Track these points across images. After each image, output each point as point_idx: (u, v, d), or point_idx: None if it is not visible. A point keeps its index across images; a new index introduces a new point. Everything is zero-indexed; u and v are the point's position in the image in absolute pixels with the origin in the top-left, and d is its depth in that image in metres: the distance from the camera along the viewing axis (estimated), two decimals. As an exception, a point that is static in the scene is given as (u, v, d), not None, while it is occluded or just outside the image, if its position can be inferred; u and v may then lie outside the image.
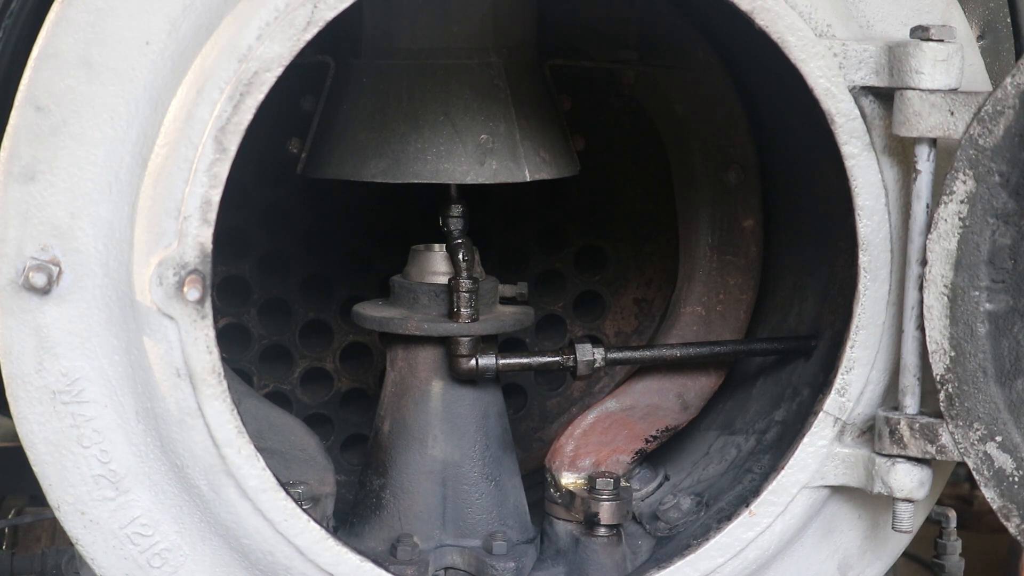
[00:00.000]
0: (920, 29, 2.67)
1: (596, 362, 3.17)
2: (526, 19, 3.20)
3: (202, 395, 2.61)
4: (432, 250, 3.24)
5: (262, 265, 3.69)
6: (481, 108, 3.08)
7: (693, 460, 3.39)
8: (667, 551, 3.11)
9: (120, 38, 2.51)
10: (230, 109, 2.53)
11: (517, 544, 3.18)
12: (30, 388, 2.58)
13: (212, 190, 2.55)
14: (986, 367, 2.65)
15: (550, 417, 3.85)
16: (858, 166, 2.76)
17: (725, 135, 3.42)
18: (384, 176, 3.07)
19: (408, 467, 3.19)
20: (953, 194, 2.62)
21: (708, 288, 3.49)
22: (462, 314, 3.10)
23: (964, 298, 2.64)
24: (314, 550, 2.73)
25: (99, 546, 2.68)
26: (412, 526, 3.16)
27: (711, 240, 3.49)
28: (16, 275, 2.53)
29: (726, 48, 3.33)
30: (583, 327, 3.84)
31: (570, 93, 3.39)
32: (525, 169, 3.10)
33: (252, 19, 2.55)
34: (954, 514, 3.88)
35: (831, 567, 3.03)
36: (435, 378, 3.19)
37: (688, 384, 3.40)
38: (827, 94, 2.72)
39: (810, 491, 2.91)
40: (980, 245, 2.63)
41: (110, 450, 2.64)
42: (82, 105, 2.51)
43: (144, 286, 2.56)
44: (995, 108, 2.58)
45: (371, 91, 3.11)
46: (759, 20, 2.69)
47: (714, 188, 3.46)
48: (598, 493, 3.10)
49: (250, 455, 2.65)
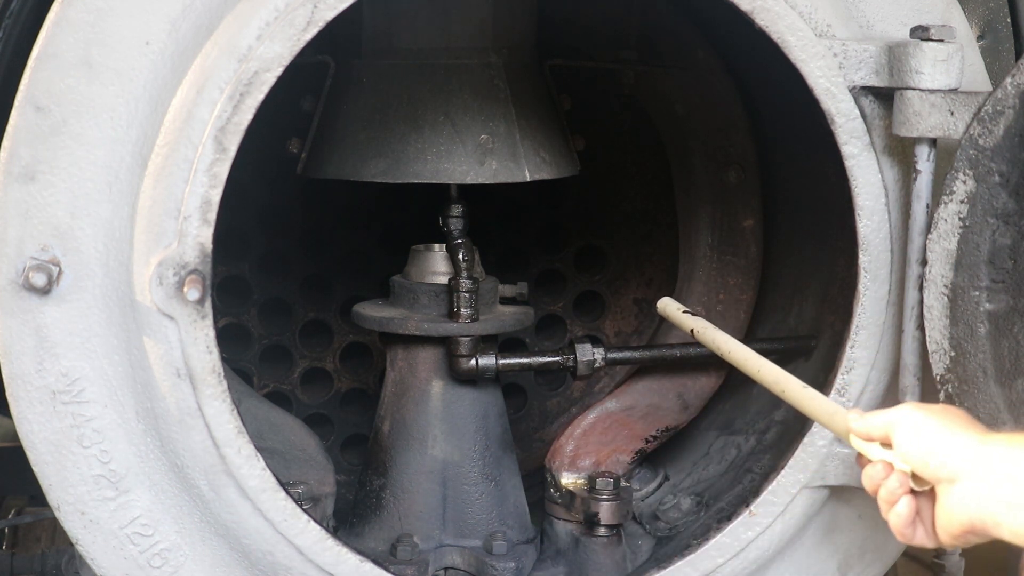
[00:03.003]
0: (920, 29, 2.67)
1: (596, 362, 3.17)
2: (526, 19, 3.20)
3: (202, 395, 2.61)
4: (432, 250, 3.24)
5: (262, 265, 3.69)
6: (481, 108, 3.08)
7: (693, 460, 3.39)
8: (667, 551, 3.11)
9: (120, 38, 2.51)
10: (230, 109, 2.53)
11: (517, 544, 3.18)
12: (30, 388, 2.58)
13: (212, 190, 2.55)
14: (986, 367, 2.65)
15: (550, 417, 3.85)
16: (858, 166, 2.76)
17: (725, 135, 3.42)
18: (384, 176, 3.07)
19: (408, 467, 3.19)
20: (953, 194, 2.62)
21: (708, 288, 3.49)
22: (462, 314, 3.10)
23: (964, 298, 2.64)
24: (314, 550, 2.73)
25: (99, 546, 2.68)
26: (412, 526, 3.16)
27: (711, 240, 3.49)
28: (16, 275, 2.53)
29: (726, 48, 3.33)
30: (583, 327, 3.84)
31: (570, 93, 3.39)
32: (525, 169, 3.10)
33: (252, 19, 2.55)
34: (954, 514, 3.88)
35: (831, 567, 3.03)
36: (435, 378, 3.19)
37: (688, 384, 3.40)
38: (827, 94, 2.72)
39: (810, 491, 2.91)
40: (980, 245, 2.62)
41: (110, 450, 2.64)
42: (82, 105, 2.51)
43: (144, 286, 2.56)
44: (995, 108, 2.58)
45: (371, 91, 3.11)
46: (759, 20, 2.69)
47: (714, 188, 3.46)
48: (598, 493, 3.10)
49: (250, 455, 2.65)
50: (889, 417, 2.18)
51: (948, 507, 2.08)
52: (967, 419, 2.15)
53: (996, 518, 2.01)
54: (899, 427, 2.15)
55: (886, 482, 2.16)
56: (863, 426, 2.23)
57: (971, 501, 2.04)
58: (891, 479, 2.16)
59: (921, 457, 2.11)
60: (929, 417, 2.14)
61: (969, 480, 2.04)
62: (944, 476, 2.08)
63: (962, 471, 2.05)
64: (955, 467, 2.06)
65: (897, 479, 2.15)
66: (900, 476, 2.15)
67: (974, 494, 2.04)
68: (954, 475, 2.06)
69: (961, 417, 2.15)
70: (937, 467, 2.08)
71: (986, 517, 2.03)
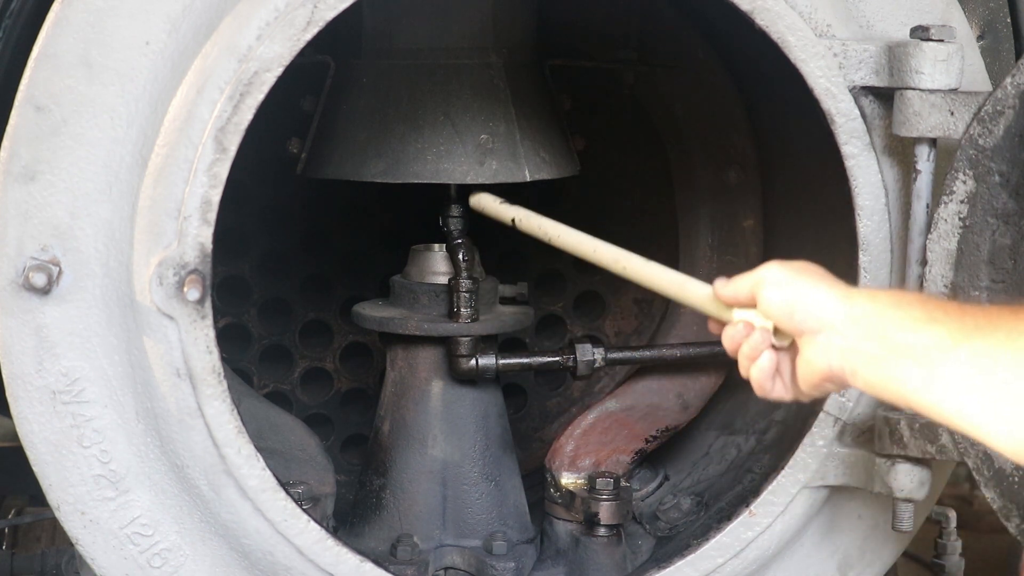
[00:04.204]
0: (920, 29, 2.67)
1: (596, 362, 3.17)
2: (526, 19, 3.20)
3: (202, 395, 2.61)
4: (432, 250, 3.24)
5: (262, 265, 3.69)
6: (481, 108, 3.08)
7: (693, 460, 3.39)
8: (667, 551, 3.11)
9: (120, 38, 2.51)
10: (230, 109, 2.53)
11: (517, 544, 3.18)
12: (30, 388, 2.58)
13: (212, 190, 2.55)
14: (986, 367, 2.65)
15: (550, 417, 3.85)
16: (858, 166, 2.76)
17: (725, 135, 3.42)
18: (384, 176, 3.07)
19: (408, 467, 3.19)
20: (953, 194, 2.62)
21: (708, 288, 3.49)
22: (462, 314, 3.10)
23: (964, 298, 2.64)
24: (314, 550, 2.73)
25: (99, 546, 2.68)
26: (412, 526, 3.16)
27: (711, 240, 3.49)
28: (16, 275, 2.53)
29: (726, 48, 3.33)
30: (583, 327, 3.84)
31: (570, 93, 3.39)
32: (525, 169, 3.10)
33: (252, 19, 2.55)
34: (954, 514, 3.88)
35: (831, 567, 3.03)
36: (435, 378, 3.19)
37: (688, 384, 3.40)
38: (827, 94, 2.73)
39: (810, 491, 2.91)
40: (980, 245, 2.63)
41: (110, 450, 2.64)
42: (82, 105, 2.51)
43: (144, 286, 2.56)
44: (995, 108, 2.58)
45: (371, 91, 3.11)
46: (759, 20, 2.70)
47: (714, 188, 3.46)
48: (598, 493, 3.10)
49: (250, 455, 2.65)
50: (755, 276, 2.26)
51: (810, 357, 2.17)
52: (826, 275, 2.23)
53: (855, 367, 2.11)
54: (765, 283, 2.24)
55: (748, 339, 2.27)
56: (730, 290, 2.31)
57: (833, 351, 2.13)
58: (754, 335, 2.26)
59: (786, 310, 2.20)
60: (792, 273, 2.23)
61: (833, 332, 2.13)
62: (808, 328, 2.17)
63: (826, 323, 2.14)
64: (819, 319, 2.15)
65: (760, 335, 2.25)
66: (763, 332, 2.25)
67: (837, 345, 2.13)
68: (818, 327, 2.15)
69: (820, 273, 2.23)
70: (802, 319, 2.17)
71: (845, 366, 2.12)
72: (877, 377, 2.09)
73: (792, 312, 2.19)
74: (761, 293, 2.24)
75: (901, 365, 2.05)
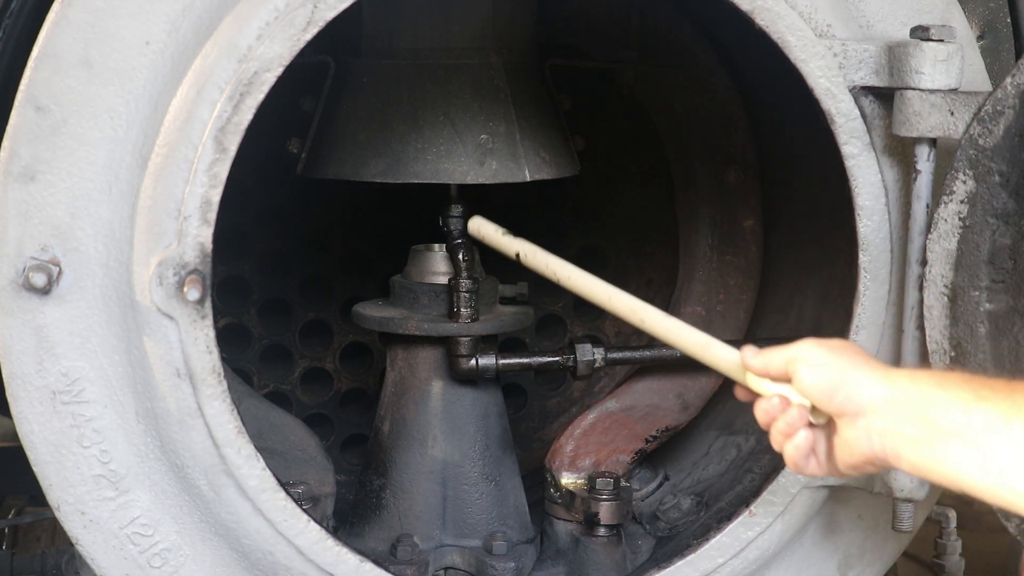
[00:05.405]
0: (920, 29, 2.67)
1: (596, 362, 3.17)
2: (526, 19, 3.20)
3: (202, 395, 2.61)
4: (432, 250, 3.24)
5: (262, 265, 3.69)
6: (481, 108, 3.08)
7: (693, 460, 3.39)
8: (667, 551, 3.11)
9: (120, 38, 2.51)
10: (230, 109, 2.53)
11: (517, 544, 3.18)
12: (30, 388, 2.59)
13: (212, 190, 2.54)
14: (986, 367, 2.65)
15: (550, 417, 3.85)
16: (858, 166, 2.76)
17: (725, 135, 3.42)
18: (384, 176, 3.07)
19: (408, 467, 3.19)
20: (953, 194, 2.62)
21: (708, 288, 3.49)
22: (462, 314, 3.10)
23: (964, 298, 2.64)
24: (314, 550, 2.73)
25: (99, 546, 2.68)
26: (412, 526, 3.16)
27: (711, 240, 3.49)
28: (16, 275, 2.53)
29: (726, 48, 3.33)
30: (583, 327, 3.84)
31: (570, 93, 3.39)
32: (525, 169, 3.10)
33: (252, 19, 2.55)
34: (954, 514, 3.88)
35: (831, 567, 3.03)
36: (435, 378, 3.19)
37: (688, 384, 3.40)
38: (827, 94, 2.72)
39: (810, 491, 2.91)
40: (980, 245, 2.63)
41: (110, 450, 2.64)
42: (82, 105, 2.51)
43: (144, 286, 2.56)
44: (995, 108, 2.58)
45: (371, 91, 3.11)
46: (759, 20, 2.69)
47: (714, 188, 3.46)
48: (598, 493, 3.10)
49: (250, 455, 2.65)
50: (790, 353, 2.23)
51: (850, 439, 2.15)
52: (865, 355, 2.22)
53: (898, 451, 2.10)
54: (802, 362, 2.21)
55: (784, 415, 2.23)
56: (760, 362, 2.28)
57: (875, 434, 2.12)
58: (790, 412, 2.23)
59: (826, 392, 2.17)
60: (831, 353, 2.20)
61: (875, 415, 2.12)
62: (849, 410, 2.15)
63: (867, 406, 2.13)
64: (860, 402, 2.13)
65: (796, 412, 2.22)
66: (799, 409, 2.22)
67: (879, 428, 2.11)
68: (859, 410, 2.13)
69: (860, 353, 2.22)
70: (843, 401, 2.15)
71: (888, 449, 2.11)
72: (923, 460, 2.07)
73: (832, 394, 2.16)
74: (798, 372, 2.20)
75: (949, 447, 2.02)
